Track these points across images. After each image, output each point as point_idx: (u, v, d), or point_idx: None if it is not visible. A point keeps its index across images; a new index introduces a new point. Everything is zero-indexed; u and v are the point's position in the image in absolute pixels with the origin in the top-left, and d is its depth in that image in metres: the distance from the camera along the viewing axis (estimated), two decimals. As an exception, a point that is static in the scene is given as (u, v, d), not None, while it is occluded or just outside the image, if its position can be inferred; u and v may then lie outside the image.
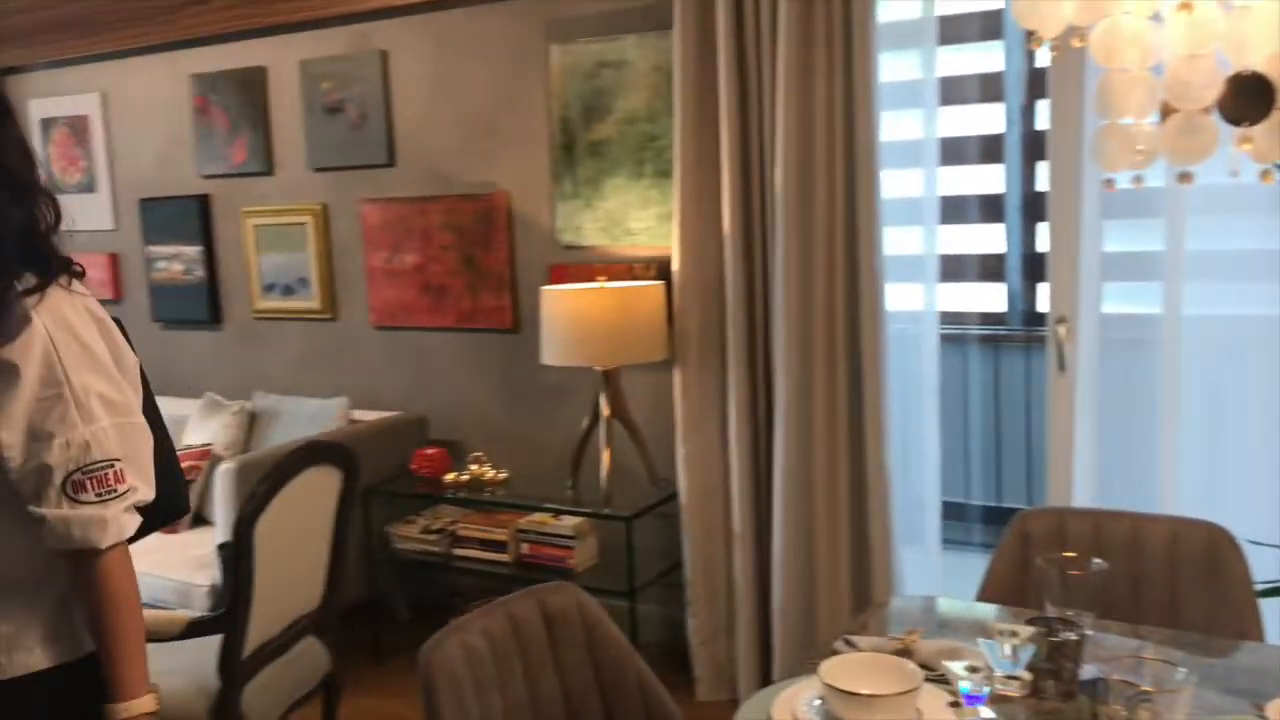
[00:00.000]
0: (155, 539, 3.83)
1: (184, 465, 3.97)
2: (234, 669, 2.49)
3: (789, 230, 3.04)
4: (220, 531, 3.43)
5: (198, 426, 4.16)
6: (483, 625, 1.88)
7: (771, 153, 3.08)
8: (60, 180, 4.90)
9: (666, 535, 3.51)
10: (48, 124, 4.92)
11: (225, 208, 4.50)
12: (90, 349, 1.47)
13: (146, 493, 1.54)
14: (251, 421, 4.12)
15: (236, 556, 2.47)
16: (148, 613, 2.54)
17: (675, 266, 3.28)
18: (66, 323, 1.46)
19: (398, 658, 3.75)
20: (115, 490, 1.45)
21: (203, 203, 4.52)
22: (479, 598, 3.88)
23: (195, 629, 2.47)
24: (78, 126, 4.83)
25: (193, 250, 4.57)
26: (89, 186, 4.84)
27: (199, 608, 3.39)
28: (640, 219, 3.56)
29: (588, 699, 1.96)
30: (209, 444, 4.03)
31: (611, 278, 3.49)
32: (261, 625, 2.57)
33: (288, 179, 4.32)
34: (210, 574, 3.45)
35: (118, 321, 1.61)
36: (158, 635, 2.47)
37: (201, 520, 4.00)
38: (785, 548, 3.13)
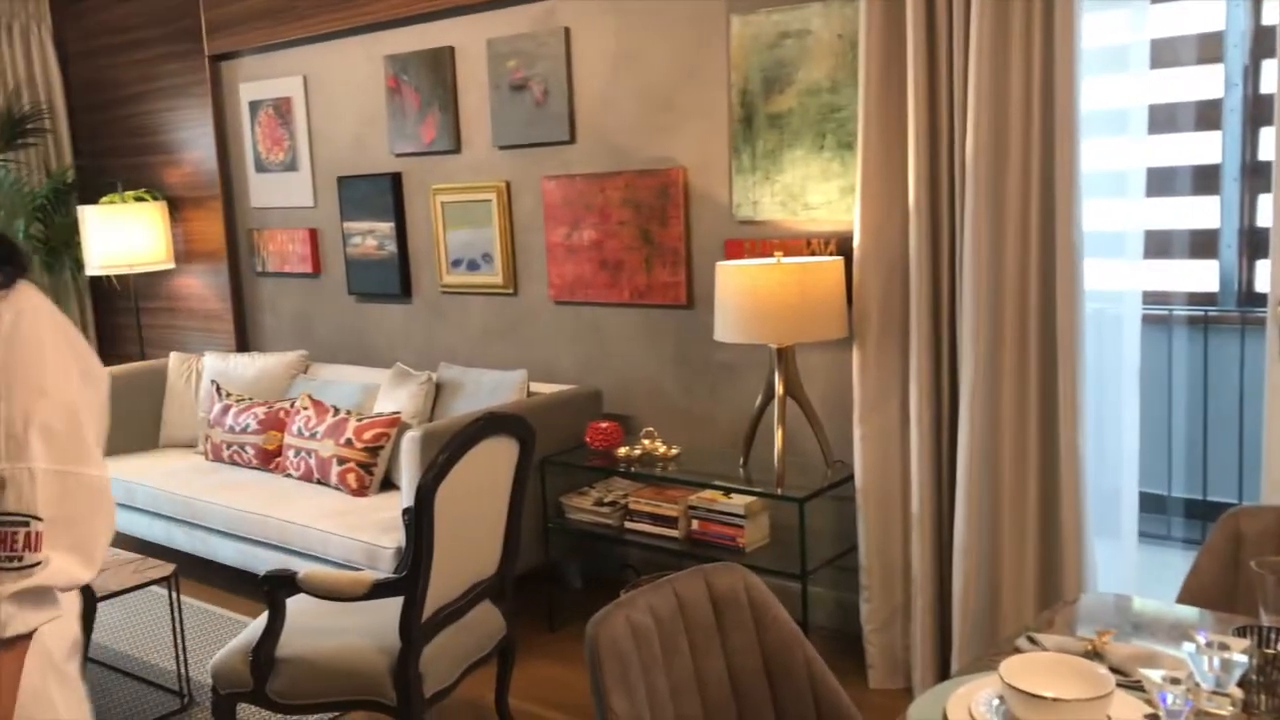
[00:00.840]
0: (344, 501, 4.04)
1: (373, 432, 4.18)
2: (414, 630, 2.58)
3: (979, 203, 2.89)
4: (406, 496, 3.57)
5: (387, 395, 4.34)
6: (649, 602, 1.87)
7: (962, 122, 2.93)
8: (265, 159, 5.20)
9: (840, 517, 3.43)
10: (255, 106, 5.21)
11: (416, 185, 4.66)
12: (51, 359, 1.13)
13: (77, 571, 1.13)
14: (437, 391, 4.27)
15: (418, 521, 2.55)
16: (336, 573, 2.67)
17: (856, 242, 3.18)
18: (35, 323, 1.13)
19: (570, 626, 3.82)
20: (19, 559, 1.06)
21: (395, 180, 4.70)
22: (649, 571, 3.91)
23: (379, 590, 2.57)
24: (282, 108, 5.10)
25: (385, 226, 4.76)
26: (291, 165, 5.11)
27: (385, 569, 3.55)
28: (820, 193, 3.47)
29: (754, 682, 1.93)
30: (397, 412, 4.20)
31: (789, 253, 3.41)
32: (441, 589, 2.66)
33: (474, 157, 4.43)
34: (396, 537, 3.60)
35: None
36: (346, 595, 2.59)
37: (389, 484, 4.18)
38: (968, 534, 2.99)
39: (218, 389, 4.84)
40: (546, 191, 4.19)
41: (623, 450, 3.67)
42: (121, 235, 5.37)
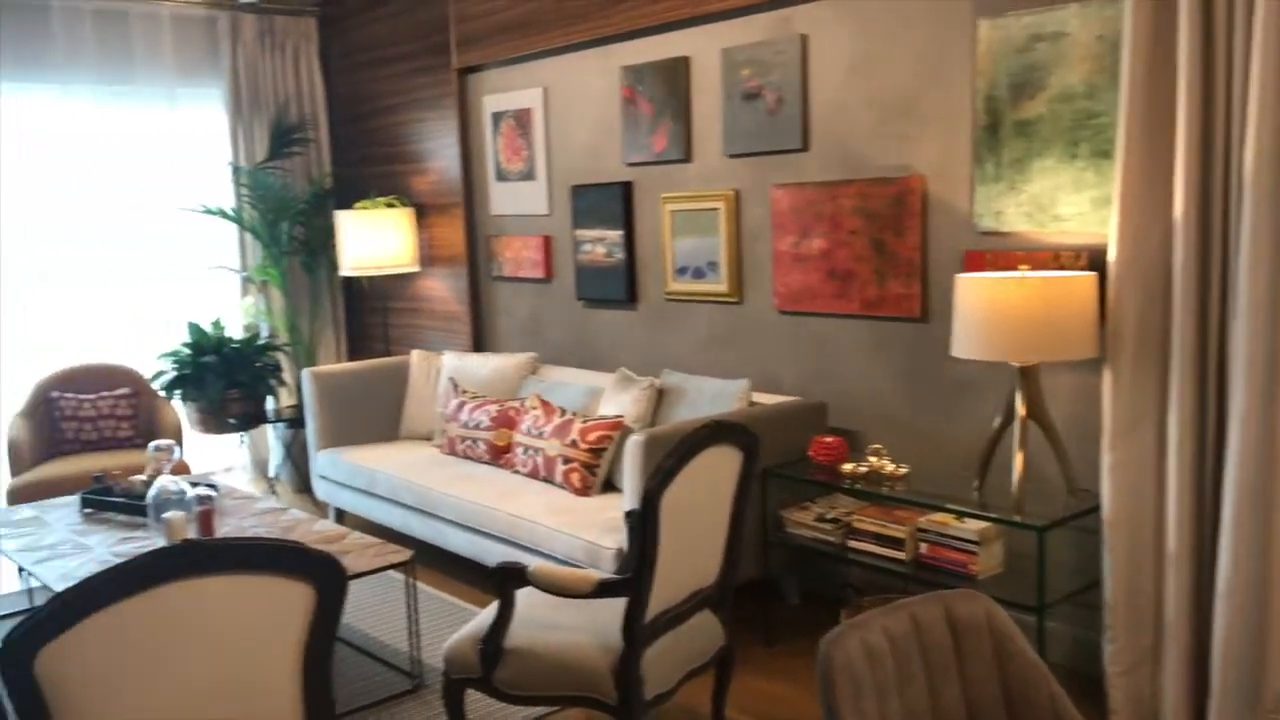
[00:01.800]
0: (568, 499, 4.13)
1: (597, 434, 4.27)
2: (636, 632, 2.60)
3: (1259, 214, 2.64)
4: (628, 499, 3.62)
5: (611, 399, 4.42)
6: (884, 625, 1.80)
7: (1240, 127, 2.68)
8: (505, 169, 5.42)
9: (1083, 550, 3.21)
10: (497, 118, 5.44)
11: (645, 194, 4.73)
12: None
13: None
14: (659, 397, 4.31)
15: (643, 524, 2.57)
16: (564, 569, 2.73)
17: (1112, 255, 2.97)
18: None
19: (787, 642, 3.76)
20: None
21: (626, 189, 4.78)
22: (871, 592, 3.80)
23: (604, 589, 2.61)
24: (522, 119, 5.30)
25: (615, 234, 4.85)
26: (529, 175, 5.30)
27: (605, 568, 3.60)
28: (1071, 203, 3.27)
29: (993, 714, 1.82)
30: (620, 416, 4.26)
31: (1035, 267, 3.23)
32: (663, 593, 2.66)
33: (704, 166, 4.45)
34: (617, 538, 3.65)
35: None
36: (572, 591, 2.64)
37: (611, 486, 4.25)
38: (1234, 577, 2.73)
39: (454, 386, 5.08)
40: (775, 200, 4.15)
41: (848, 466, 3.58)
42: (372, 239, 5.73)
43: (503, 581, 2.70)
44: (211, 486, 4.22)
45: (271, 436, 6.42)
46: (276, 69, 6.40)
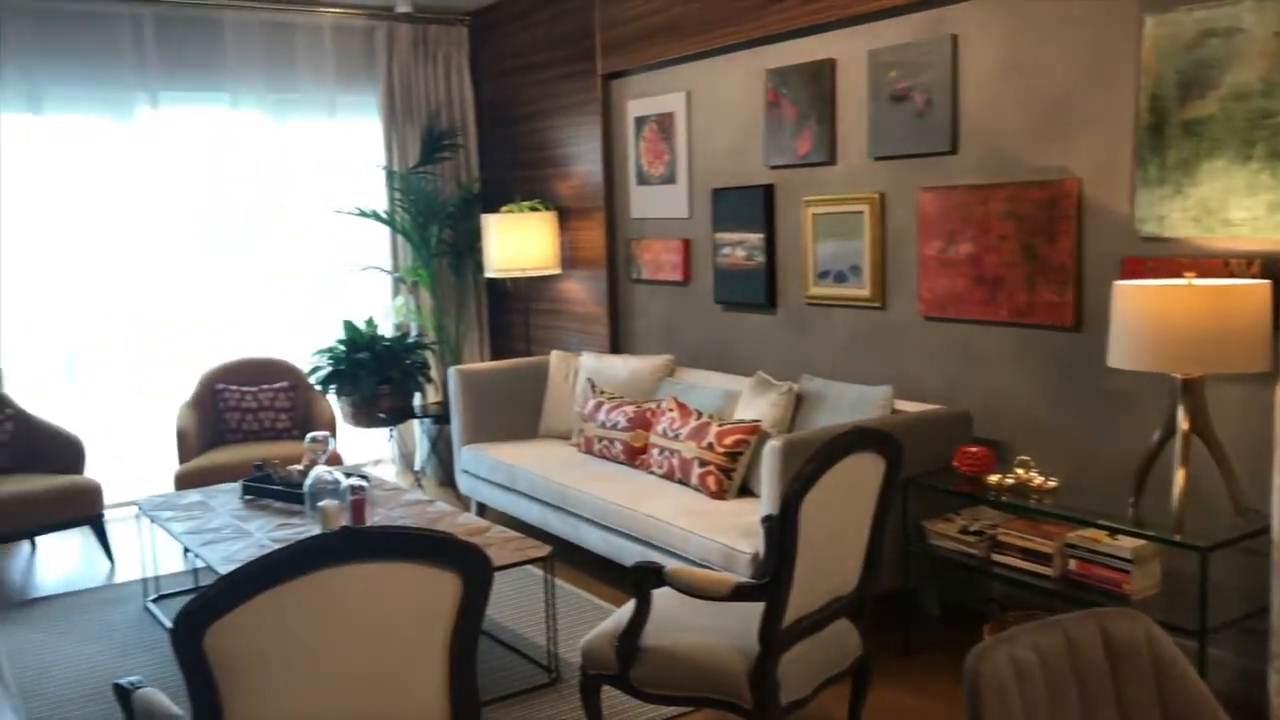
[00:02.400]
0: (703, 502, 4.13)
1: (734, 438, 4.27)
2: (773, 637, 2.58)
3: None
4: (765, 503, 3.60)
5: (748, 403, 4.40)
6: (1034, 641, 1.74)
7: None
8: (647, 172, 5.47)
9: (1249, 573, 3.04)
10: (640, 122, 5.49)
11: (787, 197, 4.70)
12: None
13: None
14: (797, 402, 4.27)
15: (781, 530, 2.55)
16: (701, 571, 2.73)
17: (1287, 263, 2.80)
18: None
19: (925, 654, 3.67)
20: None
21: (767, 192, 4.76)
22: (1016, 608, 3.68)
23: (741, 593, 2.60)
24: (664, 123, 5.34)
25: (755, 237, 4.84)
26: (670, 178, 5.33)
27: (740, 573, 3.60)
28: (1244, 208, 3.09)
29: (1152, 743, 1.74)
30: (758, 420, 4.24)
31: (1201, 274, 3.07)
32: (800, 599, 2.64)
33: (848, 168, 4.40)
34: (753, 543, 3.64)
35: None
36: (709, 594, 2.64)
37: (746, 490, 4.24)
38: None
39: (592, 386, 5.15)
40: (922, 203, 4.07)
41: (993, 478, 3.48)
42: (516, 241, 5.86)
43: (640, 581, 2.73)
44: (363, 477, 4.38)
45: (418, 431, 6.63)
46: (428, 76, 6.61)
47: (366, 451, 6.56)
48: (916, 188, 4.10)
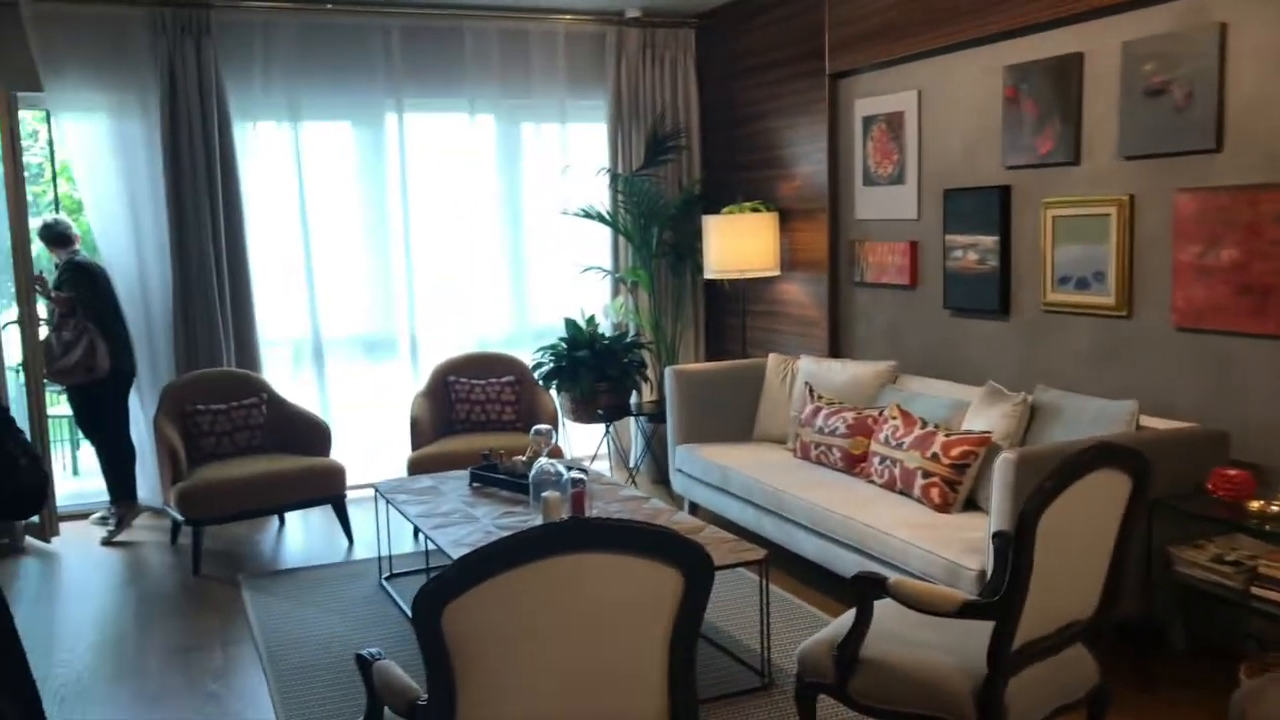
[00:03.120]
0: (926, 514, 3.99)
1: (961, 449, 4.09)
2: (1002, 658, 2.45)
3: None
4: (996, 519, 3.43)
5: (977, 413, 4.22)
6: (1316, 685, 1.57)
7: None
8: (874, 173, 5.34)
9: None
10: (868, 122, 5.37)
11: (1025, 198, 4.47)
12: None
13: None
14: (1031, 415, 4.05)
15: (1017, 548, 2.42)
16: (927, 585, 2.63)
17: None
18: None
19: (1170, 691, 3.40)
20: None
21: (1003, 193, 4.55)
22: (1277, 647, 3.35)
23: (969, 610, 2.48)
24: (893, 123, 5.19)
25: (989, 240, 4.63)
26: (898, 179, 5.18)
27: (965, 590, 3.44)
28: None
29: None
30: (988, 432, 4.06)
31: None
32: (1033, 621, 2.50)
33: (1094, 169, 4.14)
34: (979, 559, 3.48)
35: None
36: (935, 609, 2.54)
37: (972, 504, 4.06)
38: None
39: (810, 391, 5.07)
40: (1179, 205, 3.77)
41: (1255, 504, 3.18)
42: (736, 243, 5.86)
43: (862, 591, 2.65)
44: (583, 471, 4.49)
45: (633, 429, 6.74)
46: (655, 80, 6.71)
47: (584, 446, 6.73)
48: (1172, 188, 3.80)
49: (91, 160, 5.68)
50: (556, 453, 4.64)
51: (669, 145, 6.58)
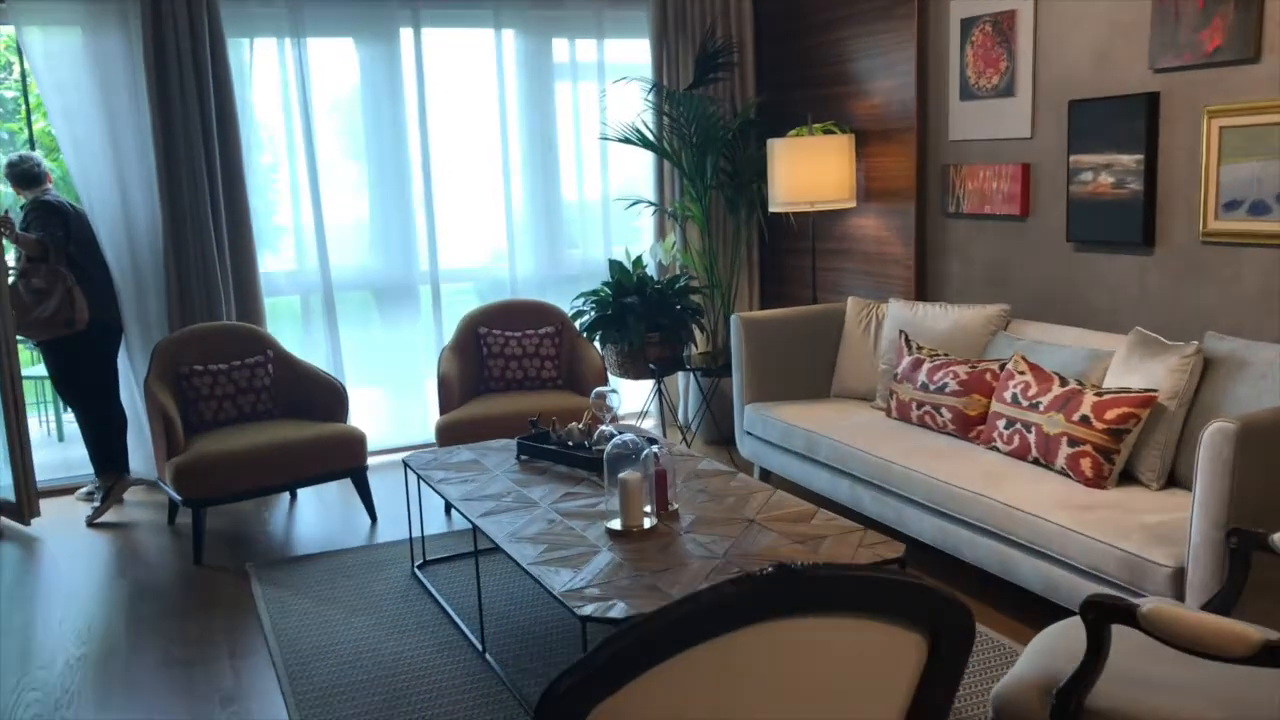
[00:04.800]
0: (1077, 490, 3.23)
1: (1119, 410, 3.37)
2: (1313, 720, 1.76)
3: None
4: (1208, 505, 2.71)
5: (1126, 366, 3.50)
6: None
7: None
8: (974, 85, 4.56)
9: None
10: (968, 25, 4.58)
11: (1180, 107, 3.70)
12: None
13: None
14: (1204, 368, 3.33)
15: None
16: (1202, 618, 1.89)
17: None
18: None
19: None
20: None
21: (1150, 102, 3.78)
22: None
23: (1273, 654, 1.78)
24: (1002, 23, 4.40)
25: (1129, 160, 3.87)
26: (1007, 90, 4.41)
27: (1156, 590, 2.76)
28: None
29: None
30: (1151, 390, 3.34)
31: None
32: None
33: (1279, 66, 3.37)
34: (1173, 552, 2.78)
35: None
36: (1219, 651, 1.83)
37: (1129, 478, 3.36)
38: None
39: (906, 341, 4.35)
40: (1407, 107, 3.01)
41: None
42: (806, 171, 5.09)
43: (1098, 620, 1.95)
44: (651, 440, 3.79)
45: (682, 383, 6.03)
46: (704, -14, 5.89)
47: (629, 402, 6.02)
48: (1398, 85, 3.04)
49: (63, 83, 4.89)
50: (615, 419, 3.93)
51: (720, 61, 5.78)
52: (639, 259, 5.56)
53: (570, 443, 3.82)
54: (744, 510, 3.19)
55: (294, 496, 5.11)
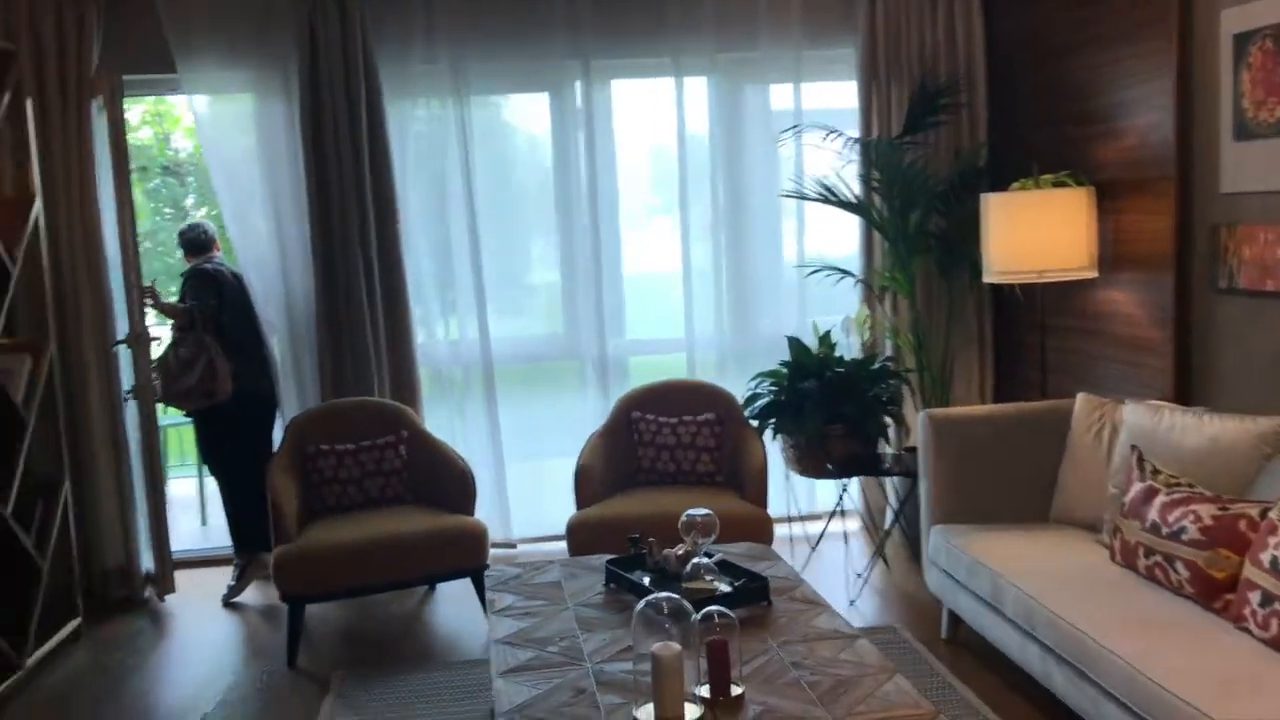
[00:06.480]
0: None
1: None
2: None
3: None
4: None
5: None
6: None
7: None
8: (1252, 120, 3.39)
9: None
10: (1243, 41, 3.43)
11: None
12: None
13: None
14: None
15: None
16: None
17: None
18: None
19: None
20: None
21: None
22: None
23: None
24: (1290, 35, 3.24)
25: None
26: (1296, 124, 3.23)
27: None
28: None
29: None
30: None
31: None
32: None
33: None
34: None
35: None
36: None
37: None
38: None
39: (1139, 459, 3.25)
40: None
41: None
42: (1029, 232, 4.07)
43: None
44: (754, 579, 2.99)
45: (889, 485, 5.08)
46: (924, 14, 4.99)
47: (825, 500, 5.16)
48: None
49: (226, 149, 4.84)
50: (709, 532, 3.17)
51: (942, 102, 4.85)
52: (826, 335, 4.72)
53: (664, 572, 3.10)
54: (835, 705, 2.33)
55: (432, 587, 4.69)
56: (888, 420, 4.59)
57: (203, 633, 4.32)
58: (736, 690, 2.40)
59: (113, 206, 4.56)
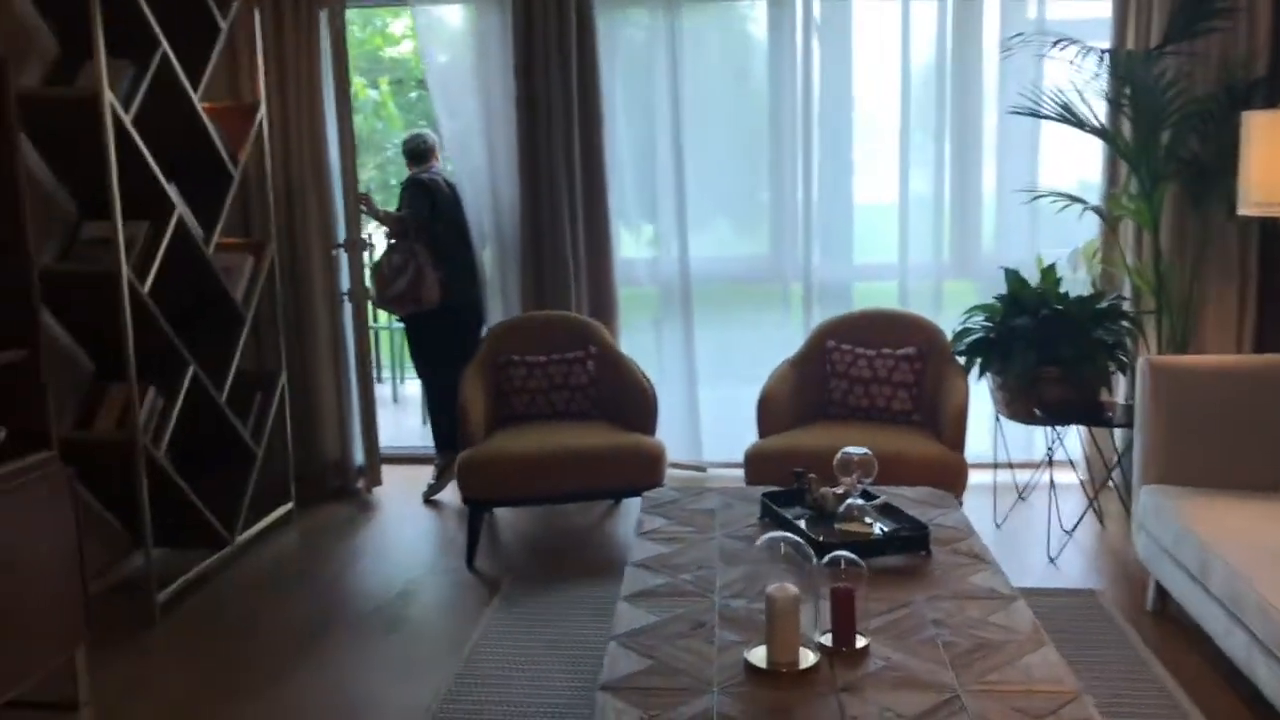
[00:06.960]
0: None
1: None
2: None
3: None
4: None
5: None
6: None
7: None
8: None
9: None
10: None
11: None
12: None
13: None
14: None
15: None
16: None
17: None
18: None
19: None
20: None
21: None
22: None
23: None
24: None
25: None
26: None
27: None
28: None
29: None
30: None
31: None
32: None
33: None
34: None
35: None
36: None
37: None
38: None
39: (1401, 430, 2.73)
40: None
41: None
42: (1301, 156, 3.48)
43: None
44: (916, 527, 2.76)
45: (1119, 433, 4.59)
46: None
47: (1044, 448, 4.75)
48: None
49: (444, 60, 4.92)
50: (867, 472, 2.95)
51: (1218, 6, 4.20)
52: (1050, 268, 4.28)
53: (822, 509, 2.93)
54: (966, 671, 2.11)
55: (617, 501, 4.72)
56: (1111, 366, 4.12)
57: (400, 526, 4.55)
58: (862, 641, 2.23)
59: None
